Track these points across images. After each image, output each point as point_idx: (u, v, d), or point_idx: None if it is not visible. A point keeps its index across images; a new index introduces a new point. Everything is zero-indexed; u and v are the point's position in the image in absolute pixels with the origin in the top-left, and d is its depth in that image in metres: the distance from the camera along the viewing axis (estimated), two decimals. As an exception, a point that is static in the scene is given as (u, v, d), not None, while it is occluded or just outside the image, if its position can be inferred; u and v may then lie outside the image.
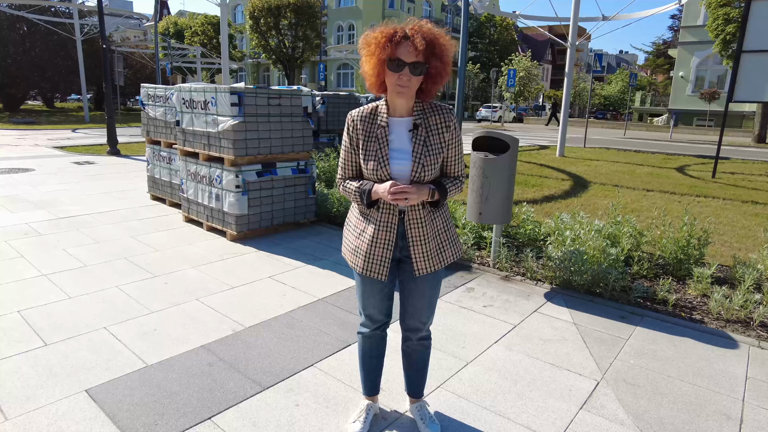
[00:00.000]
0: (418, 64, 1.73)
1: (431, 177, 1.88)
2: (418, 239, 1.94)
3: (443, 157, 1.92)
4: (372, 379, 2.28)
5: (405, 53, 1.71)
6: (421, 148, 1.85)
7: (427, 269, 1.97)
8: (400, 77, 1.73)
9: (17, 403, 2.35)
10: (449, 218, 2.06)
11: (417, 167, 1.84)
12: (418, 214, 1.92)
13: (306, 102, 5.29)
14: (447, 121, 1.87)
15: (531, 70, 35.95)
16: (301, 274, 4.15)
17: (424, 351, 2.22)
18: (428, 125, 1.86)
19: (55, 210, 6.09)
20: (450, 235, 2.04)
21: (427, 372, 2.29)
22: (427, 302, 2.08)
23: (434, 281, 2.06)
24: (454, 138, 1.91)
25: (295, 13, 30.26)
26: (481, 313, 3.49)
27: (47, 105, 36.26)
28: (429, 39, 1.72)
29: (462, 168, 1.99)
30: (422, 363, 2.25)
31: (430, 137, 1.86)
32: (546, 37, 62.99)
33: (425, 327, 2.15)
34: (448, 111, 1.87)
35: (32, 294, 3.58)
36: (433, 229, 1.96)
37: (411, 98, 1.85)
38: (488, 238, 4.69)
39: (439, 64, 1.76)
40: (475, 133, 4.07)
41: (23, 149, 12.23)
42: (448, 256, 2.03)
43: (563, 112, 13.85)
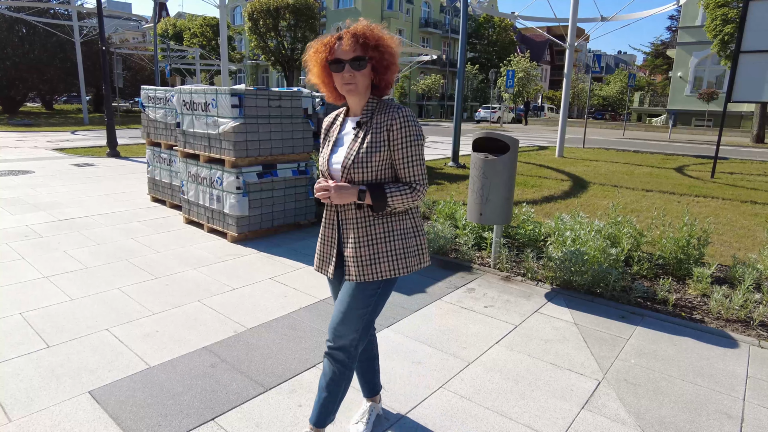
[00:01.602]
0: (358, 58, 1.74)
1: (365, 177, 1.80)
2: (350, 242, 1.86)
3: (390, 160, 1.82)
4: (367, 381, 2.25)
5: (342, 52, 1.75)
6: (356, 145, 1.81)
7: (356, 277, 1.85)
8: (344, 75, 1.76)
9: (20, 405, 2.35)
10: (399, 229, 1.87)
11: (347, 164, 1.81)
12: (351, 215, 1.85)
13: (306, 103, 5.30)
14: (391, 120, 1.78)
15: (530, 71, 35.99)
16: (302, 275, 4.15)
17: (330, 369, 1.94)
18: (372, 123, 1.82)
19: (55, 212, 6.09)
20: (392, 248, 1.86)
21: (333, 402, 1.96)
22: (343, 315, 1.88)
23: (361, 293, 1.87)
24: (402, 138, 1.78)
25: (294, 15, 30.28)
26: (482, 313, 3.50)
27: (46, 107, 36.24)
28: (362, 33, 1.75)
29: (418, 174, 1.83)
30: (330, 384, 1.94)
31: (370, 135, 1.80)
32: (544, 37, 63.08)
33: (337, 341, 1.90)
34: (397, 110, 1.79)
35: (34, 296, 3.58)
36: (368, 235, 1.84)
37: (363, 96, 1.84)
38: (488, 238, 4.71)
39: (377, 55, 1.77)
40: (475, 134, 4.09)
41: (22, 151, 12.23)
42: (384, 270, 1.85)
43: (562, 113, 13.88)
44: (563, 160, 12.97)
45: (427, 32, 48.71)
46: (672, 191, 8.64)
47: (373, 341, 2.23)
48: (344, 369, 1.93)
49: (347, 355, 1.92)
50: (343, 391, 1.98)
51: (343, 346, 1.91)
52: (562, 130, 13.82)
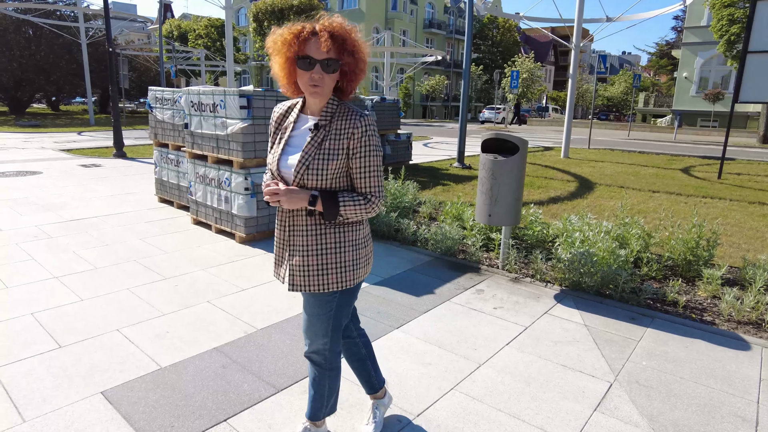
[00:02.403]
0: (330, 61, 1.62)
1: (318, 183, 1.69)
2: (297, 250, 1.77)
3: (347, 169, 1.73)
4: (364, 380, 2.23)
5: (315, 50, 1.61)
6: (312, 150, 1.69)
7: (302, 287, 1.78)
8: (312, 76, 1.62)
9: (33, 404, 2.36)
10: (349, 240, 1.78)
11: (300, 168, 1.69)
12: (301, 222, 1.75)
13: (313, 104, 5.31)
14: (353, 128, 1.68)
15: (534, 72, 35.95)
16: (310, 276, 4.15)
17: (312, 370, 1.96)
18: (331, 128, 1.70)
19: (63, 212, 6.12)
20: (341, 260, 1.77)
21: (321, 399, 1.99)
22: (309, 321, 1.87)
23: (318, 301, 1.83)
24: (362, 148, 1.69)
25: (299, 16, 30.33)
26: (492, 315, 3.50)
27: (52, 108, 36.43)
28: (339, 34, 1.62)
29: (375, 186, 1.74)
30: (314, 384, 1.98)
31: (328, 141, 1.69)
32: (548, 38, 63.00)
33: (310, 345, 1.91)
34: (359, 118, 1.69)
35: (44, 296, 3.60)
36: (317, 244, 1.74)
37: (326, 98, 1.71)
38: (496, 239, 4.70)
39: (351, 61, 1.66)
40: (483, 135, 4.08)
41: (30, 152, 12.29)
42: (331, 282, 1.77)
43: (567, 114, 13.85)
44: (569, 161, 12.94)
45: (431, 33, 48.73)
46: (679, 192, 8.60)
47: (359, 343, 2.17)
48: (323, 370, 1.94)
49: (322, 357, 1.91)
50: (329, 389, 1.99)
51: (316, 350, 1.90)
52: (567, 130, 13.79)
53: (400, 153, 10.26)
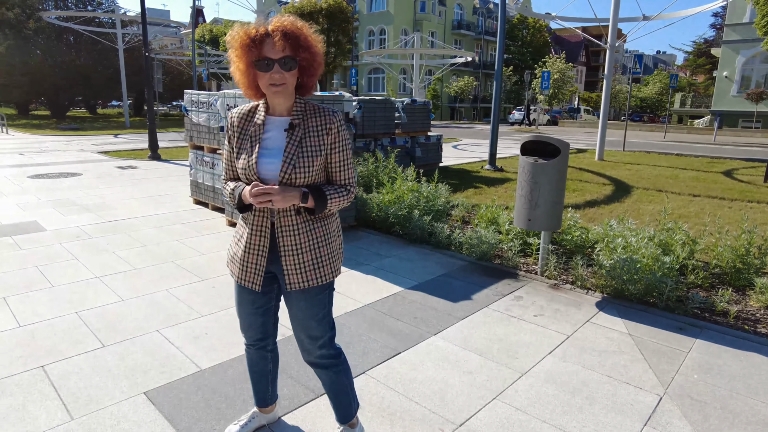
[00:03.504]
0: (288, 58, 1.64)
1: (305, 180, 1.73)
2: (291, 249, 1.78)
3: (326, 163, 1.79)
4: (257, 391, 2.18)
5: (271, 51, 1.63)
6: (294, 149, 1.72)
7: (301, 284, 1.80)
8: (272, 76, 1.64)
9: (81, 403, 2.40)
10: (333, 231, 1.87)
11: (287, 167, 1.70)
12: (291, 221, 1.76)
13: (347, 108, 5.31)
14: (329, 124, 1.75)
15: (565, 72, 35.33)
16: (344, 279, 4.14)
17: (328, 373, 1.97)
18: (307, 126, 1.75)
19: (102, 213, 6.28)
20: (330, 251, 1.84)
21: (345, 396, 2.03)
22: (306, 324, 1.88)
23: (312, 299, 1.85)
24: (339, 142, 1.77)
25: (328, 19, 30.57)
26: (532, 322, 3.41)
27: (90, 111, 37.68)
28: (292, 32, 1.65)
29: (351, 177, 1.84)
30: (333, 386, 2.01)
31: (307, 139, 1.73)
32: (580, 38, 61.82)
33: (316, 345, 1.91)
34: (332, 114, 1.76)
35: (87, 296, 3.68)
36: (309, 239, 1.79)
37: (290, 97, 1.74)
38: (534, 244, 4.59)
39: (308, 56, 1.69)
40: (523, 137, 4.00)
41: (71, 154, 12.71)
42: (327, 273, 1.83)
43: (602, 115, 13.53)
44: (603, 164, 12.63)
45: (460, 34, 48.44)
46: (722, 196, 8.27)
47: (269, 357, 2.12)
48: (336, 367, 1.97)
49: (330, 355, 1.94)
50: (350, 381, 2.04)
51: (321, 355, 1.93)
52: (602, 132, 13.47)
53: (431, 155, 10.19)
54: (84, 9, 32.08)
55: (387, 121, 9.07)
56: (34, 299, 3.59)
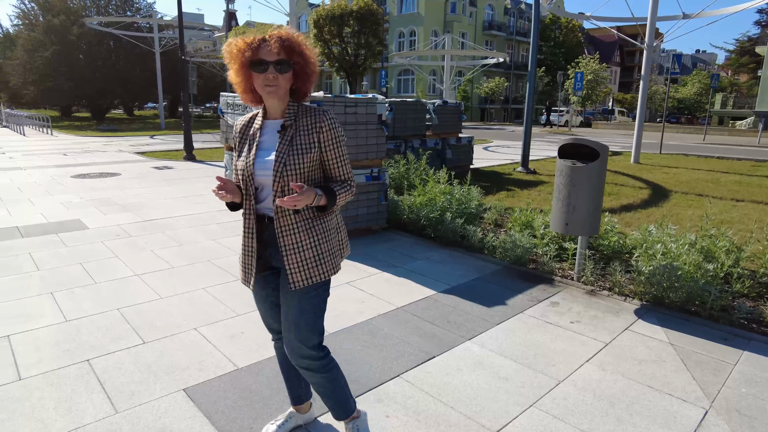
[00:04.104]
0: (282, 61, 1.75)
1: (297, 178, 1.80)
2: (292, 248, 1.83)
3: (323, 161, 1.86)
4: (289, 388, 2.22)
5: (266, 54, 1.74)
6: (285, 148, 1.80)
7: (304, 281, 1.85)
8: (267, 77, 1.75)
9: (123, 397, 2.47)
10: (332, 227, 1.92)
11: (278, 166, 1.79)
12: (289, 220, 1.82)
13: (380, 110, 5.32)
14: (319, 123, 1.82)
15: (599, 73, 34.55)
16: (377, 281, 4.15)
17: (317, 376, 1.96)
18: (298, 126, 1.83)
19: (140, 213, 6.47)
20: (330, 247, 1.90)
21: (336, 396, 2.02)
22: (299, 320, 1.88)
23: (309, 295, 1.88)
24: (332, 139, 1.84)
25: (358, 21, 30.72)
26: (569, 329, 3.34)
27: (127, 113, 38.90)
28: (286, 38, 1.76)
29: (349, 172, 1.91)
30: (325, 389, 2.00)
31: (298, 137, 1.82)
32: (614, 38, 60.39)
33: (304, 346, 1.90)
34: (322, 113, 1.83)
35: (128, 293, 3.79)
36: (310, 237, 1.84)
37: (283, 100, 1.83)
38: (570, 249, 4.50)
39: (302, 61, 1.79)
40: (560, 139, 3.92)
41: (110, 155, 13.14)
42: (327, 269, 1.89)
43: (638, 117, 13.17)
44: (639, 167, 12.29)
45: (491, 35, 47.98)
46: (767, 201, 7.94)
47: None
48: (325, 369, 1.96)
49: (316, 358, 1.93)
50: (341, 382, 2.03)
51: (310, 355, 1.92)
52: (638, 134, 13.11)
53: (462, 157, 10.11)
54: (123, 14, 33.16)
55: (418, 122, 9.05)
56: (79, 295, 3.72)
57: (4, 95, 38.89)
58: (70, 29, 30.05)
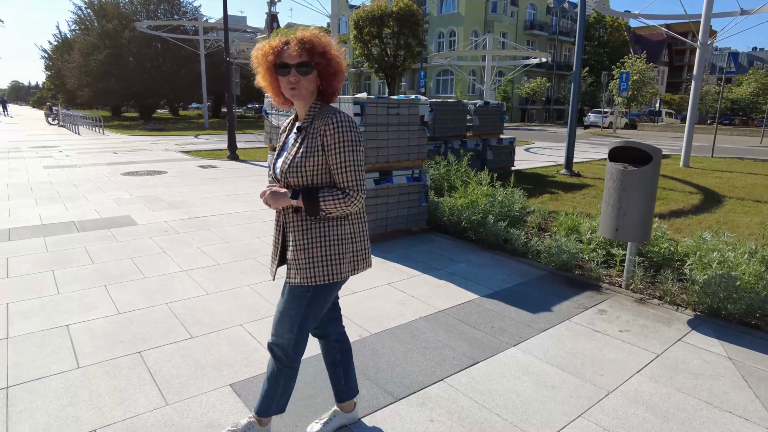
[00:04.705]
0: (303, 63, 1.78)
1: (301, 180, 1.84)
2: (291, 245, 1.91)
3: (327, 165, 1.84)
4: (332, 385, 2.27)
5: (288, 57, 1.79)
6: (295, 150, 1.86)
7: (294, 280, 1.90)
8: (289, 79, 1.79)
9: (173, 390, 2.55)
10: (333, 235, 1.89)
11: (285, 167, 1.87)
12: (290, 219, 1.90)
13: (423, 110, 5.30)
14: (325, 126, 1.80)
15: (645, 73, 33.38)
16: (417, 282, 4.13)
17: (272, 364, 2.04)
18: (311, 129, 1.85)
19: (187, 210, 6.66)
20: (325, 254, 1.88)
21: (271, 395, 2.06)
22: (280, 315, 1.96)
23: (293, 295, 1.92)
24: (335, 144, 1.80)
25: (398, 22, 30.76)
26: (617, 338, 3.22)
27: (173, 113, 40.23)
28: (309, 40, 1.79)
29: (352, 180, 1.83)
30: (269, 378, 2.06)
31: (308, 140, 1.84)
32: (662, 36, 58.20)
33: (275, 338, 1.99)
34: (332, 115, 1.81)
35: (176, 288, 3.91)
36: (305, 239, 1.87)
37: (308, 101, 1.87)
38: (618, 255, 4.35)
39: (324, 61, 1.81)
40: (606, 142, 3.80)
41: (156, 153, 13.62)
42: (318, 275, 1.88)
43: (689, 118, 12.63)
44: (689, 171, 11.79)
45: (533, 35, 47.13)
46: (832, 209, 7.46)
47: (335, 346, 2.22)
48: (282, 366, 2.01)
49: (284, 353, 1.98)
50: (283, 387, 2.05)
51: (279, 344, 1.98)
52: (688, 137, 12.58)
53: (503, 158, 9.96)
54: (171, 18, 34.32)
55: (458, 123, 8.97)
56: (130, 288, 3.86)
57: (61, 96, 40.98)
58: (122, 33, 31.34)
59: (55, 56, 42.01)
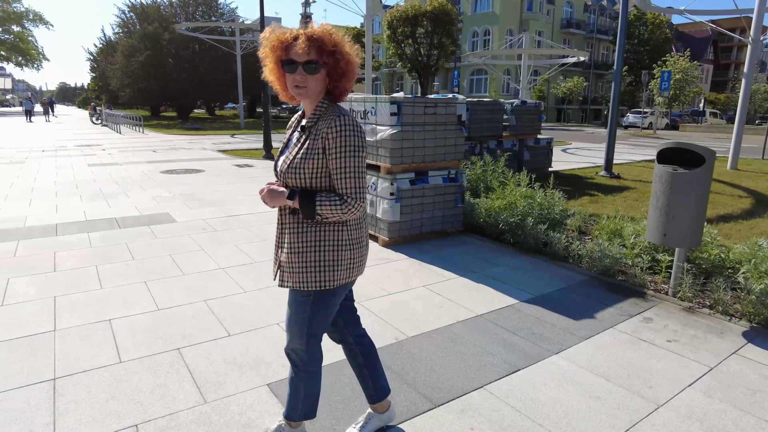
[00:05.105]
0: (311, 62, 1.69)
1: (300, 182, 1.77)
2: (286, 247, 1.85)
3: (327, 169, 1.76)
4: (364, 387, 2.22)
5: (296, 54, 1.69)
6: (296, 150, 1.79)
7: (287, 283, 1.85)
8: (295, 77, 1.71)
9: (211, 387, 2.56)
10: (329, 240, 1.80)
11: (283, 167, 1.81)
12: (287, 220, 1.85)
13: (460, 110, 5.21)
14: (328, 129, 1.71)
15: (689, 72, 32.17)
16: (454, 285, 4.05)
17: (291, 368, 2.01)
18: (315, 129, 1.77)
19: (223, 208, 6.76)
20: (319, 259, 1.80)
21: (296, 399, 2.03)
22: (288, 319, 1.94)
23: (295, 300, 1.88)
24: (336, 149, 1.71)
25: (432, 22, 30.59)
26: (666, 348, 3.07)
27: (209, 113, 41.15)
28: (318, 37, 1.69)
29: (351, 187, 1.73)
30: (291, 382, 2.04)
31: (310, 141, 1.76)
32: (707, 33, 55.97)
33: (289, 343, 1.96)
34: (336, 118, 1.71)
35: (213, 285, 3.95)
36: (299, 242, 1.81)
37: (314, 100, 1.78)
38: (663, 261, 4.17)
39: (333, 61, 1.71)
40: (660, 144, 3.63)
41: (194, 152, 13.92)
42: (311, 280, 1.81)
43: (738, 119, 12.08)
44: (737, 173, 11.27)
45: (569, 33, 46.13)
46: None
47: (356, 350, 2.16)
48: (298, 371, 1.97)
49: (299, 358, 1.95)
50: (305, 393, 2.01)
51: (293, 349, 1.95)
52: (737, 137, 12.02)
53: (540, 159, 9.74)
54: (208, 20, 35.12)
55: (494, 123, 8.82)
56: (169, 285, 3.93)
57: (104, 97, 42.51)
58: (162, 35, 32.25)
59: (100, 58, 43.64)
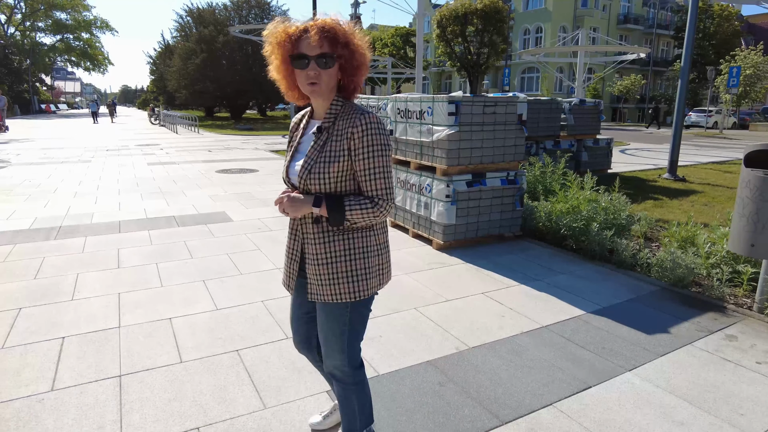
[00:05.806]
0: (324, 55, 1.56)
1: (322, 188, 1.63)
2: (310, 259, 1.72)
3: (352, 171, 1.64)
4: None
5: (307, 47, 1.57)
6: (314, 153, 1.65)
7: (318, 297, 1.73)
8: (308, 73, 1.58)
9: (271, 392, 2.53)
10: (359, 247, 1.70)
11: (303, 173, 1.65)
12: (309, 230, 1.71)
13: (521, 109, 5.02)
14: (352, 128, 1.59)
15: (761, 66, 30.08)
16: (515, 293, 3.88)
17: (338, 387, 1.89)
18: (335, 130, 1.64)
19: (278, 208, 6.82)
20: (351, 268, 1.69)
21: (351, 414, 1.92)
22: (324, 336, 1.80)
23: (330, 314, 1.76)
24: (363, 148, 1.60)
25: (482, 20, 30.07)
26: (755, 371, 2.81)
27: (261, 114, 42.20)
28: (330, 27, 1.57)
29: (381, 188, 1.64)
30: (341, 400, 1.93)
31: (330, 143, 1.64)
32: (781, 25, 51.96)
33: (328, 361, 1.83)
34: (361, 116, 1.59)
35: (270, 286, 3.96)
36: (326, 252, 1.69)
37: (328, 98, 1.66)
38: (746, 273, 3.84)
39: (347, 53, 1.60)
40: (749, 146, 3.33)
41: (248, 152, 14.25)
42: (344, 291, 1.69)
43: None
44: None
45: (626, 29, 44.24)
46: None
47: None
48: (347, 385, 1.87)
49: (344, 374, 1.84)
50: (359, 403, 1.92)
51: (336, 366, 1.84)
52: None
53: (599, 160, 9.33)
54: (261, 22, 35.98)
55: (551, 122, 8.51)
56: (227, 284, 3.97)
57: (162, 98, 44.43)
58: (217, 38, 33.30)
59: (159, 61, 45.59)
